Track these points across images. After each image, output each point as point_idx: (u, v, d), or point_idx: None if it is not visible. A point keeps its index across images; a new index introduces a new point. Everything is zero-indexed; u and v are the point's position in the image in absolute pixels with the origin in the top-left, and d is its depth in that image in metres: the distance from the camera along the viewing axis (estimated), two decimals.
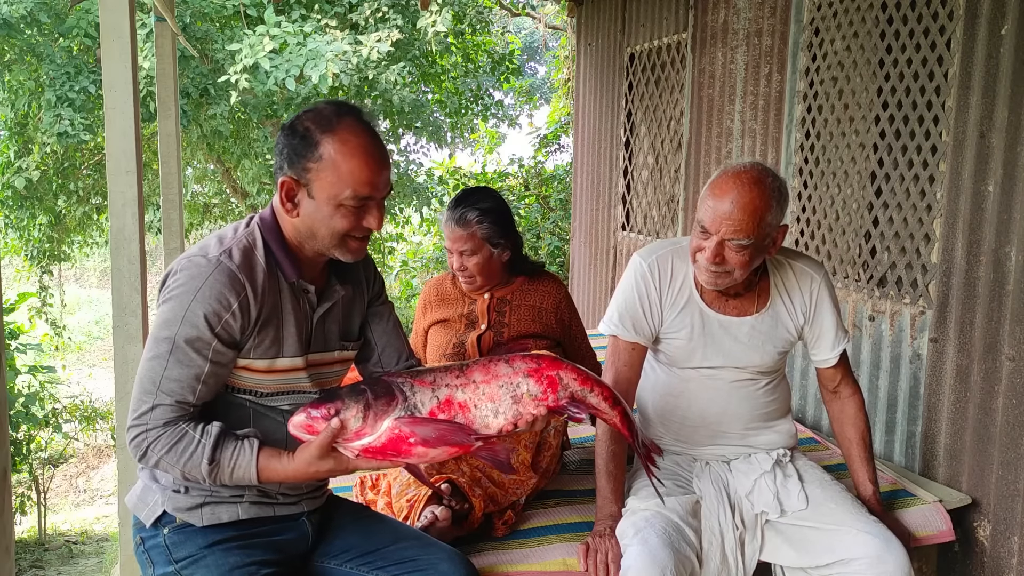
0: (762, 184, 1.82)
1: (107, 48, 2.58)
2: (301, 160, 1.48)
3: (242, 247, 1.51)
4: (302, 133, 1.49)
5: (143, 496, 1.62)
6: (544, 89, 15.65)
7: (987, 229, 2.38)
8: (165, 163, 4.89)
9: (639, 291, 2.03)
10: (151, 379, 1.46)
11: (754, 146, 3.57)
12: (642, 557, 1.75)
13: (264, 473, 1.49)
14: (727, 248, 1.84)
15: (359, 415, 1.43)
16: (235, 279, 1.47)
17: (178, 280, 1.47)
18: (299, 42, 7.02)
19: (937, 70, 2.58)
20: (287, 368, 1.58)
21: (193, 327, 1.45)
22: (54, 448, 7.57)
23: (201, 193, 10.99)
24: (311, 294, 1.60)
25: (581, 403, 1.56)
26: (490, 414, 1.49)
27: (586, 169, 5.58)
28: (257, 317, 1.50)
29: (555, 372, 1.53)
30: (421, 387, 1.48)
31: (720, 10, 3.82)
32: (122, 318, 2.65)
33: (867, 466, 2.10)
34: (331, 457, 1.46)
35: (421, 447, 1.44)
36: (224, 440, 1.48)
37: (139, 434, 1.47)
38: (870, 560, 1.82)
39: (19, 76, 7.80)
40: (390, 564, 1.68)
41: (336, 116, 1.50)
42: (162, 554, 1.58)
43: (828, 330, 2.06)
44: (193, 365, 1.46)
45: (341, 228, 1.51)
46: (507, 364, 1.52)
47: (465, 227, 2.38)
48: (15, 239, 9.04)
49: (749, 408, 2.07)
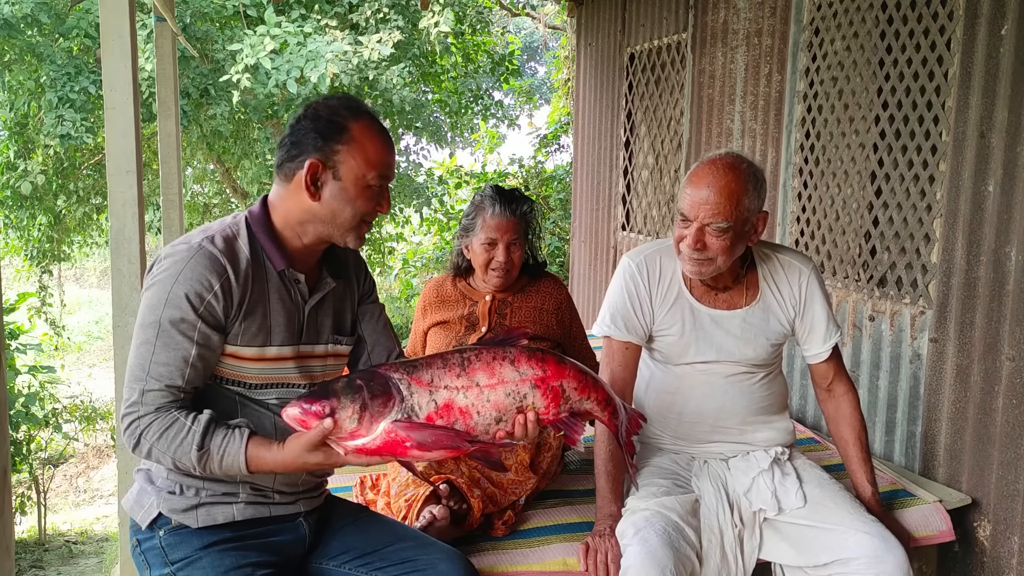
0: (737, 169, 1.88)
1: (107, 48, 2.58)
2: (329, 142, 1.52)
3: (225, 235, 1.54)
4: (328, 117, 1.53)
5: (139, 499, 1.62)
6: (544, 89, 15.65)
7: (987, 229, 2.38)
8: (165, 163, 4.88)
9: (629, 290, 2.06)
10: (140, 365, 1.48)
11: (754, 146, 3.57)
12: (642, 556, 1.75)
13: (253, 462, 1.48)
14: (707, 234, 1.88)
15: (354, 416, 1.39)
16: (216, 261, 1.49)
17: (162, 266, 1.50)
18: (299, 42, 7.02)
19: (937, 70, 2.58)
20: (275, 357, 1.58)
21: (176, 308, 1.46)
22: (54, 448, 7.57)
23: (201, 193, 10.99)
24: (302, 284, 1.61)
25: (578, 413, 1.54)
26: (493, 422, 1.45)
27: (586, 169, 5.58)
28: (241, 301, 1.51)
29: (559, 383, 1.49)
30: (419, 387, 1.42)
31: (720, 10, 3.82)
32: (122, 318, 2.65)
33: (865, 467, 2.10)
34: (321, 451, 1.44)
35: (417, 450, 1.41)
36: (214, 427, 1.48)
37: (132, 421, 1.48)
38: (868, 560, 1.82)
39: (19, 76, 7.80)
40: (389, 565, 1.67)
41: (356, 104, 1.57)
42: (158, 556, 1.58)
43: (819, 323, 2.07)
44: (180, 348, 1.47)
45: (364, 210, 1.55)
46: (513, 367, 1.47)
47: (517, 217, 2.45)
48: (15, 239, 9.04)
49: (746, 403, 2.08)
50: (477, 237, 2.46)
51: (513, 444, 1.48)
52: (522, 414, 1.46)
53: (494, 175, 9.41)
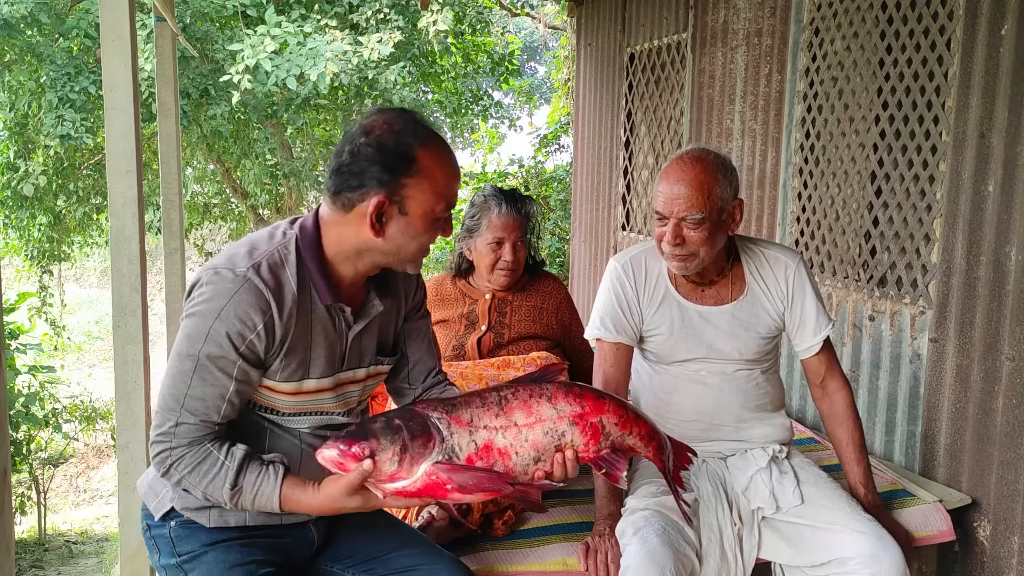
0: (704, 161, 1.92)
1: (107, 48, 2.58)
2: (396, 176, 1.41)
3: (271, 262, 1.44)
4: (395, 147, 1.41)
5: (153, 486, 1.61)
6: (544, 89, 15.66)
7: (987, 229, 2.38)
8: (165, 163, 4.88)
9: (616, 292, 2.08)
10: (174, 396, 1.43)
11: (754, 146, 3.57)
12: (641, 556, 1.76)
13: (287, 503, 1.45)
14: (685, 227, 1.90)
15: (394, 458, 1.34)
16: (261, 297, 1.41)
17: (204, 294, 1.42)
18: (299, 42, 7.02)
19: (937, 70, 2.58)
20: (313, 389, 1.53)
21: (217, 346, 1.40)
22: (54, 448, 7.56)
23: (201, 193, 10.99)
24: (347, 314, 1.53)
25: (620, 449, 1.48)
26: (531, 462, 1.41)
27: (586, 169, 5.58)
28: (284, 338, 1.45)
29: (598, 418, 1.44)
30: (459, 427, 1.37)
31: (720, 10, 3.82)
32: (122, 318, 2.65)
33: (861, 467, 2.09)
34: (360, 495, 1.39)
35: (457, 492, 1.36)
36: (248, 464, 1.45)
37: (163, 451, 1.45)
38: (865, 559, 1.82)
39: (19, 76, 7.80)
40: (391, 572, 1.67)
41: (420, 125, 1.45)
42: (167, 545, 1.59)
43: (809, 316, 2.07)
44: (218, 384, 1.42)
45: (428, 242, 1.48)
46: (550, 404, 1.42)
47: (522, 216, 2.48)
48: (15, 239, 9.04)
49: (741, 400, 2.08)
50: (483, 237, 2.46)
51: (552, 486, 1.43)
52: (560, 452, 1.42)
53: (494, 175, 9.40)
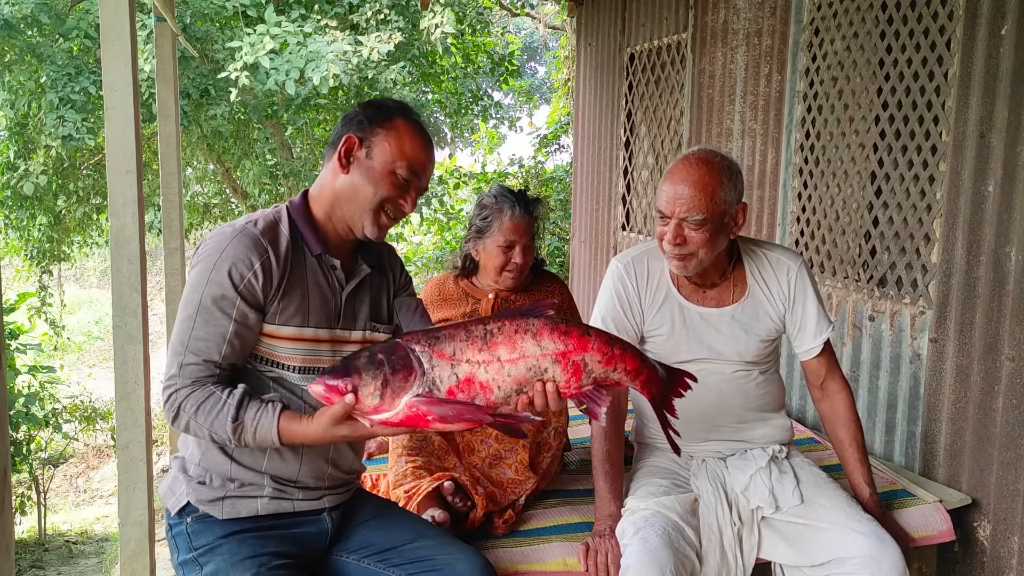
0: (709, 163, 1.91)
1: (107, 48, 2.58)
2: (372, 124, 1.62)
3: (267, 220, 1.63)
4: (379, 105, 1.65)
5: (172, 486, 1.69)
6: (544, 89, 15.65)
7: (987, 229, 2.38)
8: (165, 163, 4.87)
9: (618, 292, 2.08)
10: (180, 340, 1.56)
11: (754, 146, 3.57)
12: (642, 556, 1.76)
13: (285, 434, 1.54)
14: (686, 228, 1.90)
15: (376, 392, 1.41)
16: (258, 242, 1.57)
17: (206, 247, 1.59)
18: (299, 42, 7.01)
19: (937, 70, 2.58)
20: (312, 338, 1.64)
21: (218, 285, 1.54)
22: (54, 448, 7.56)
23: (201, 193, 10.97)
24: (338, 270, 1.69)
25: (604, 385, 1.50)
26: (512, 394, 1.45)
27: (586, 169, 5.58)
28: (280, 280, 1.59)
29: (581, 356, 1.46)
30: (440, 360, 1.42)
31: (720, 10, 3.82)
32: (122, 318, 2.64)
33: (862, 467, 2.09)
34: (347, 424, 1.48)
35: (439, 423, 1.43)
36: (248, 401, 1.55)
37: (171, 393, 1.55)
38: (864, 559, 1.82)
39: (19, 77, 7.80)
40: (407, 562, 1.70)
41: (410, 109, 1.69)
42: (184, 541, 1.65)
43: (810, 318, 2.07)
44: (219, 324, 1.55)
45: (384, 195, 1.62)
46: (535, 341, 1.45)
47: (532, 218, 2.47)
48: (15, 239, 9.03)
49: (742, 401, 2.08)
50: (493, 239, 2.42)
51: (533, 420, 1.47)
52: (541, 382, 1.46)
53: (494, 175, 9.41)
